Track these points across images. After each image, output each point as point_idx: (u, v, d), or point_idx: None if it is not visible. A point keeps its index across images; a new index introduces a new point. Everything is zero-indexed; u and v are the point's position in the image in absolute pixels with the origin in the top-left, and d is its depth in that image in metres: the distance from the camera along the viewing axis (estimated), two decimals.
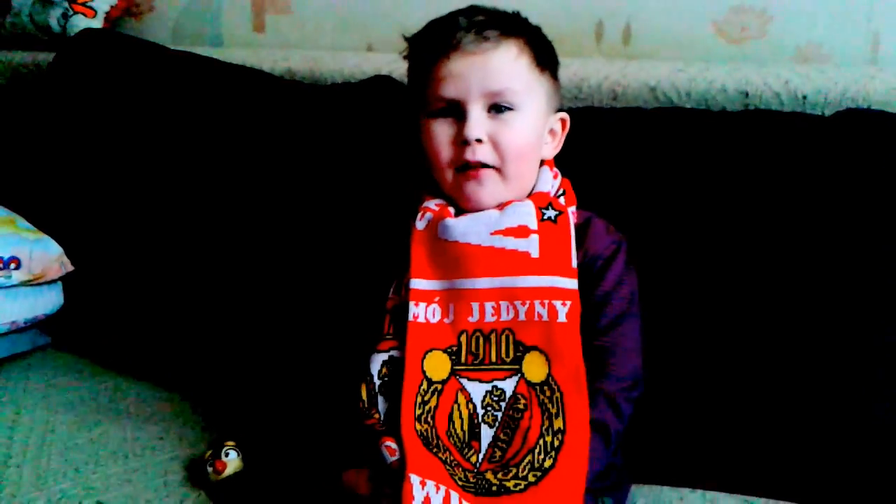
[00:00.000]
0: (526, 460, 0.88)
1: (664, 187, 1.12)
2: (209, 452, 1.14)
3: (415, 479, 0.85)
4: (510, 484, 0.87)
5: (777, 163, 1.08)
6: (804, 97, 1.16)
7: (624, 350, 0.96)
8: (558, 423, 0.89)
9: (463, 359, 0.94)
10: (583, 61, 1.31)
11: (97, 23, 1.88)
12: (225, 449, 1.13)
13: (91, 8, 1.88)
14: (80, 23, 1.86)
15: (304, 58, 1.58)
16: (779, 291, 1.05)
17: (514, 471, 0.88)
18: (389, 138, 1.32)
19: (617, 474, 1.00)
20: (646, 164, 1.14)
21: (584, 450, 0.88)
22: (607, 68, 1.29)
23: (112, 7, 1.91)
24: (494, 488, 0.88)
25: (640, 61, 1.34)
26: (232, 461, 1.12)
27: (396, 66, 1.44)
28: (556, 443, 0.88)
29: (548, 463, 0.88)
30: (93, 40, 1.72)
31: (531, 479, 0.87)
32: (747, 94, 1.19)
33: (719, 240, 1.08)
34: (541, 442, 0.89)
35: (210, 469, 1.12)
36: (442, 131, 0.98)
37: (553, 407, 0.90)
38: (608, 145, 1.16)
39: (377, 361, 0.96)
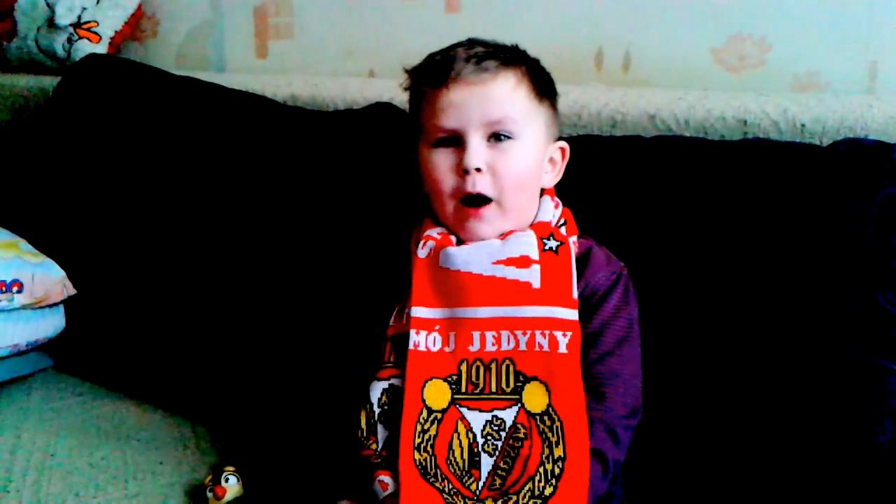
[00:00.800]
0: (526, 488, 0.88)
1: (663, 215, 1.12)
2: (209, 478, 1.14)
3: None
4: None
5: (775, 191, 1.08)
6: (802, 126, 1.17)
7: (621, 379, 0.96)
8: (558, 451, 0.89)
9: (463, 388, 0.94)
10: (582, 89, 1.32)
11: (102, 48, 1.91)
12: (225, 474, 1.13)
13: (96, 33, 1.90)
14: (84, 48, 1.88)
15: (306, 83, 1.59)
16: (776, 319, 1.05)
17: (515, 498, 0.88)
18: (391, 165, 1.33)
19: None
20: (645, 192, 1.14)
21: (585, 477, 0.88)
22: (607, 96, 1.30)
23: (116, 32, 1.93)
24: None
25: (639, 89, 1.35)
26: (232, 487, 1.12)
27: (398, 93, 1.43)
28: (557, 470, 0.88)
29: (548, 490, 0.88)
30: (97, 65, 1.74)
31: None
32: (746, 123, 1.20)
33: (718, 268, 1.08)
34: (541, 470, 0.89)
35: (210, 495, 1.12)
36: (442, 161, 0.99)
37: (553, 436, 0.90)
38: (608, 173, 1.17)
39: (377, 389, 0.97)
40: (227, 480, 1.13)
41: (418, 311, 0.97)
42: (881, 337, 1.00)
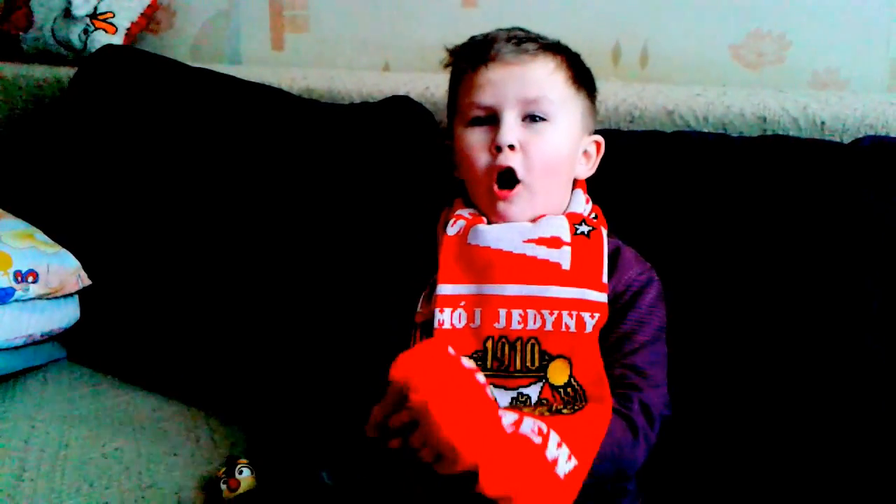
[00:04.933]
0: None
1: (683, 211, 1.12)
2: (223, 470, 1.14)
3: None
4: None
5: (797, 188, 1.07)
6: (822, 123, 1.16)
7: (658, 371, 0.97)
8: (580, 404, 0.90)
9: (488, 364, 0.94)
10: (600, 84, 1.31)
11: (118, 39, 1.91)
12: (238, 466, 1.14)
13: (112, 24, 1.90)
14: (100, 39, 1.88)
15: (322, 76, 1.59)
16: (796, 316, 1.04)
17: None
18: (407, 156, 1.33)
19: (631, 500, 0.99)
20: (664, 188, 1.14)
21: (604, 421, 0.88)
22: (624, 91, 1.29)
23: (132, 24, 1.93)
24: None
25: (657, 84, 1.34)
26: (245, 479, 1.13)
27: (413, 86, 1.45)
28: (577, 407, 0.90)
29: (566, 410, 0.90)
30: (113, 56, 1.74)
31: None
32: (765, 120, 1.19)
33: (738, 266, 1.07)
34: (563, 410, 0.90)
35: (224, 486, 1.12)
36: (477, 138, 1.00)
37: (576, 399, 0.91)
38: (626, 168, 1.16)
39: None
40: (240, 472, 1.13)
41: (444, 289, 0.97)
42: None
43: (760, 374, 1.05)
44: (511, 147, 0.97)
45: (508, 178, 0.98)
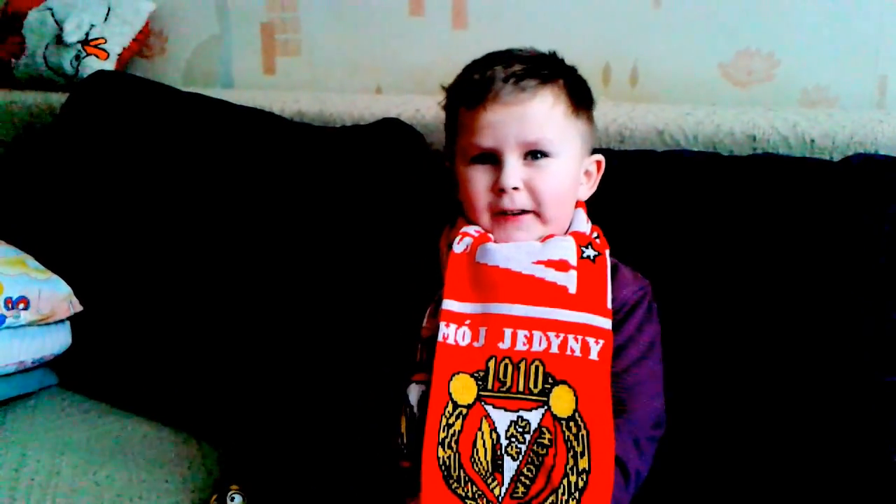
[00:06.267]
0: (549, 500, 0.88)
1: (674, 230, 1.12)
2: (214, 497, 1.13)
3: None
4: None
5: (787, 206, 1.07)
6: (812, 141, 1.16)
7: (645, 390, 0.96)
8: (583, 463, 0.88)
9: (490, 385, 0.93)
10: None
11: (109, 65, 1.91)
12: (230, 493, 1.12)
13: (103, 50, 1.90)
14: (92, 64, 1.88)
15: (313, 100, 1.59)
16: (788, 336, 1.04)
17: None
18: (398, 178, 1.33)
19: None
20: (655, 207, 1.14)
21: (608, 491, 0.88)
22: (615, 111, 1.30)
23: (124, 49, 1.93)
24: None
25: (647, 104, 1.34)
26: None
27: (405, 109, 1.45)
28: (581, 483, 0.88)
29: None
30: (105, 82, 1.74)
31: None
32: (755, 138, 1.19)
33: (729, 284, 1.07)
34: (565, 482, 0.88)
35: None
36: (479, 178, 1.00)
37: (579, 445, 0.89)
38: (617, 188, 1.16)
39: (415, 392, 0.96)
40: (231, 499, 1.12)
41: (450, 305, 0.96)
42: (895, 353, 0.99)
43: (752, 389, 1.05)
44: (515, 188, 0.97)
45: (516, 210, 0.99)
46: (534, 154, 0.98)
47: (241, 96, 1.63)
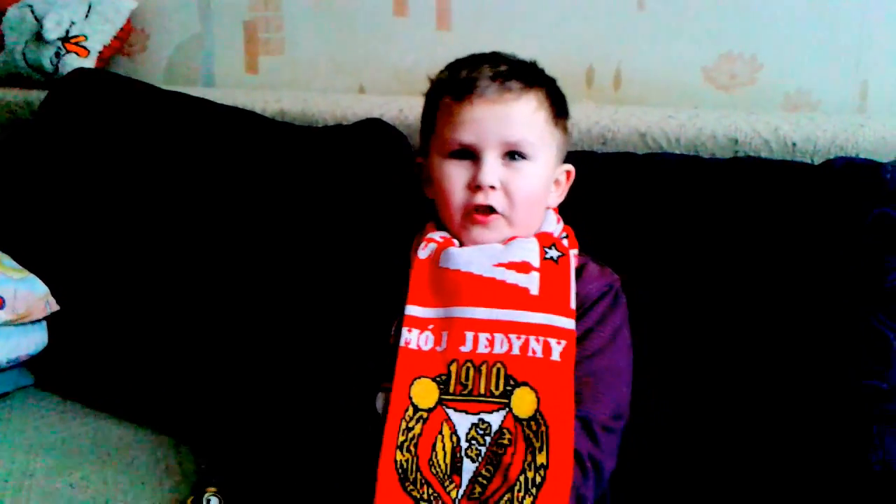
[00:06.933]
0: (505, 498, 0.87)
1: (655, 233, 1.12)
2: (191, 499, 1.12)
3: None
4: None
5: (768, 209, 1.07)
6: (794, 144, 1.17)
7: (601, 382, 0.95)
8: (541, 458, 0.88)
9: (451, 388, 0.93)
10: (573, 106, 1.31)
11: (90, 62, 1.89)
12: (207, 495, 1.11)
13: (84, 48, 1.88)
14: (72, 62, 1.87)
15: (296, 99, 1.59)
16: (767, 338, 1.04)
17: None
18: (380, 179, 1.32)
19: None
20: (637, 209, 1.14)
21: (567, 486, 0.87)
22: (598, 114, 1.30)
23: (105, 47, 1.92)
24: None
25: (630, 107, 1.35)
26: None
27: (387, 109, 1.45)
28: (538, 479, 0.87)
29: (527, 501, 0.86)
30: (85, 79, 1.73)
31: None
32: (737, 141, 1.20)
33: (710, 287, 1.08)
34: (521, 478, 0.87)
35: None
36: (455, 174, 1.00)
37: (538, 441, 0.88)
38: (599, 190, 1.16)
39: (381, 399, 0.96)
40: (208, 501, 1.11)
41: (413, 310, 0.96)
42: (874, 358, 1.00)
43: (733, 391, 1.05)
44: (492, 187, 0.97)
45: (487, 208, 0.98)
46: (512, 155, 0.99)
47: (223, 95, 1.62)
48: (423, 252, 0.99)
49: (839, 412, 1.00)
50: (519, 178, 0.98)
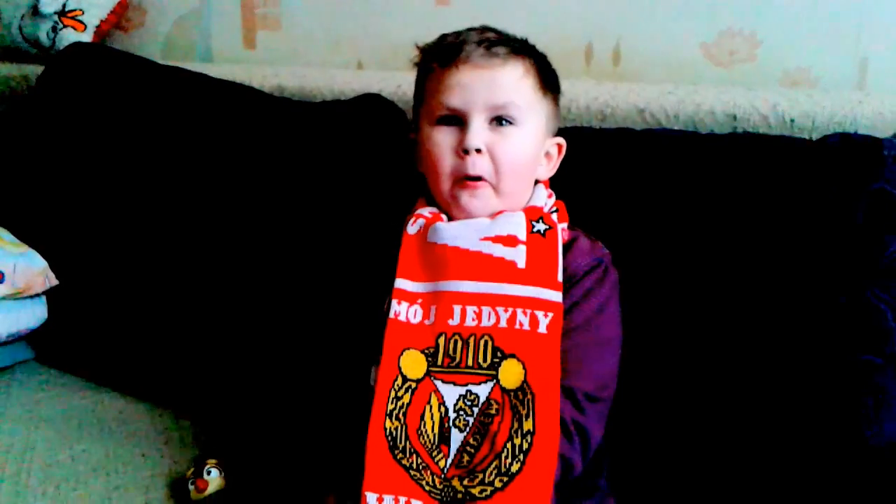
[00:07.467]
0: (493, 465, 0.88)
1: (653, 208, 1.12)
2: (191, 470, 1.13)
3: (371, 498, 0.87)
4: (476, 490, 0.87)
5: (765, 185, 1.08)
6: (792, 121, 1.17)
7: (585, 354, 0.95)
8: (528, 425, 0.88)
9: (440, 361, 0.93)
10: (572, 83, 1.31)
11: (87, 37, 1.88)
12: (207, 467, 1.12)
13: (81, 22, 1.87)
14: (69, 36, 1.86)
15: (293, 74, 1.58)
16: (764, 313, 1.05)
17: (481, 476, 0.88)
18: (378, 155, 1.32)
19: (601, 497, 0.99)
20: (634, 185, 1.14)
21: (554, 453, 0.88)
22: (596, 90, 1.30)
23: (102, 21, 1.90)
24: (460, 496, 0.88)
25: (628, 83, 1.34)
26: (214, 480, 1.11)
27: (386, 84, 1.44)
28: (525, 445, 0.88)
29: (515, 467, 0.87)
30: (82, 54, 1.72)
31: (497, 484, 0.87)
32: (735, 117, 1.20)
33: (707, 262, 1.08)
34: (508, 445, 0.88)
35: (192, 487, 1.11)
36: (444, 139, 1.00)
37: (524, 408, 0.89)
38: (597, 165, 1.16)
39: (374, 373, 0.95)
40: (208, 473, 1.12)
41: (402, 283, 0.97)
42: (869, 332, 1.00)
43: (727, 367, 1.05)
44: (478, 150, 0.97)
45: (474, 177, 0.99)
46: (499, 120, 0.99)
47: (220, 70, 1.61)
48: (412, 227, 1.00)
49: (834, 386, 1.00)
50: (505, 142, 0.98)
